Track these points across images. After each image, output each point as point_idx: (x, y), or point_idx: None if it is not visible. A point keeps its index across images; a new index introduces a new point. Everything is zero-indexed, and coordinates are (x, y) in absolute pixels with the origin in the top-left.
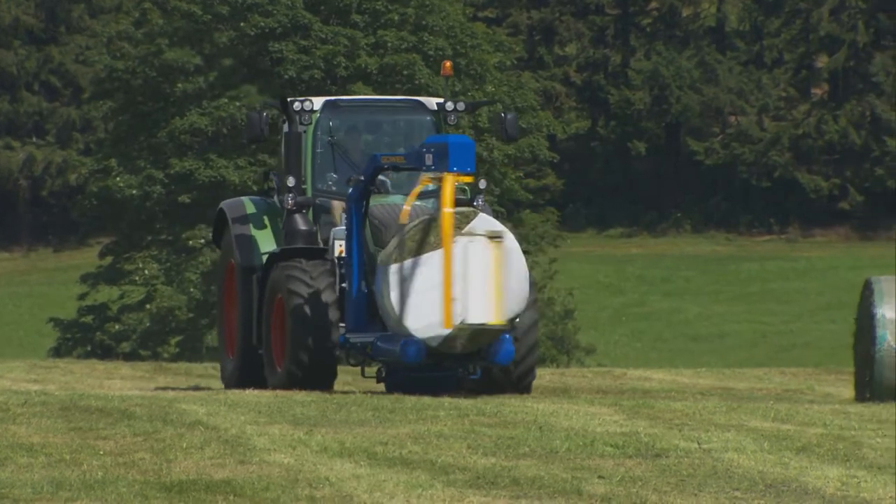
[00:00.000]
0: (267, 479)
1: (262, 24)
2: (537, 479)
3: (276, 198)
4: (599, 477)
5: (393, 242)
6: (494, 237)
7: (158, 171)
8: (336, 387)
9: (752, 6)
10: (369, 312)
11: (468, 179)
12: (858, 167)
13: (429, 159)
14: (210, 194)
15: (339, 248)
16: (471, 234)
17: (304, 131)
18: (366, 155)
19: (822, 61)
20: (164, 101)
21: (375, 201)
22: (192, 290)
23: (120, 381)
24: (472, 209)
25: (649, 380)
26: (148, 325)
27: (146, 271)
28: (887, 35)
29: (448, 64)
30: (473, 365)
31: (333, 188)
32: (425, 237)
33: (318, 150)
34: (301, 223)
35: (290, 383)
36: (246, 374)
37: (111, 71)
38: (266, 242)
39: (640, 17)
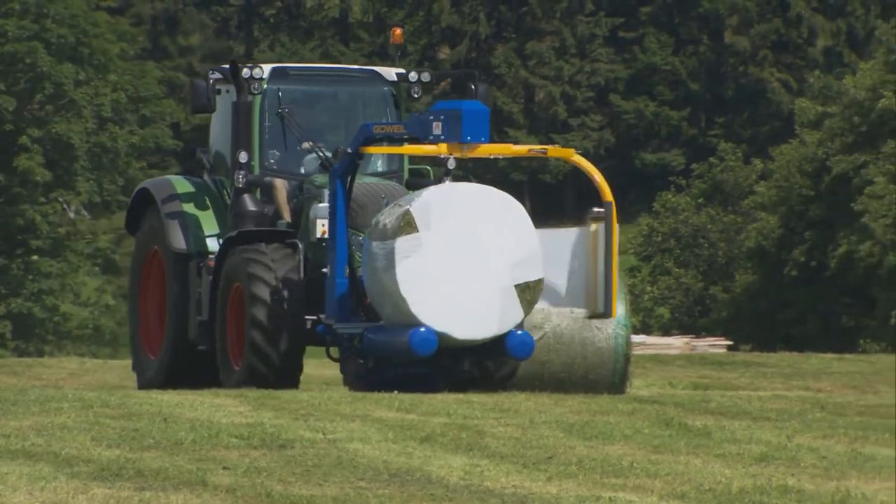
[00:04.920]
0: None
1: None
2: (162, 471)
3: (205, 176)
4: (224, 468)
5: (387, 219)
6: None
7: None
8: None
9: None
10: (353, 300)
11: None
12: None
13: (437, 128)
14: None
15: (322, 228)
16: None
17: (252, 101)
18: (315, 129)
19: (444, 53)
20: None
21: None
22: None
23: None
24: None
25: None
26: None
27: None
28: (508, 27)
29: (398, 31)
30: (468, 360)
31: (275, 166)
32: (427, 219)
33: (267, 124)
34: (250, 203)
35: (252, 381)
36: (177, 373)
37: None
38: (208, 225)
39: (263, 8)
